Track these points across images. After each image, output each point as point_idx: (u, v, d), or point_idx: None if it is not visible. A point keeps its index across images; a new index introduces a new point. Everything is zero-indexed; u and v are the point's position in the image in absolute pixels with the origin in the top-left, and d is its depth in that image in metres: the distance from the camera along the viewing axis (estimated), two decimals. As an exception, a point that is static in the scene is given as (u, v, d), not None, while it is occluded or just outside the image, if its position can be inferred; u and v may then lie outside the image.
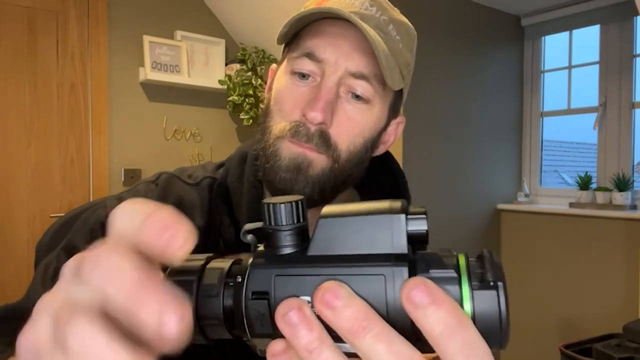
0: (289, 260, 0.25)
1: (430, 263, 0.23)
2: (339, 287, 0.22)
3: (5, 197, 2.20)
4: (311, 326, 0.22)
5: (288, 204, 0.25)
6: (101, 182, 2.40)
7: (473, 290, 0.22)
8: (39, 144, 2.28)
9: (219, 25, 2.76)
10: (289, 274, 0.24)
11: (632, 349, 1.84)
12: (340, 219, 0.25)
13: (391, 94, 0.63)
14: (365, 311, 0.22)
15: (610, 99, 2.63)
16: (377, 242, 0.24)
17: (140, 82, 2.50)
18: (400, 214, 0.24)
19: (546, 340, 2.67)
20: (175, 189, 0.64)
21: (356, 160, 0.61)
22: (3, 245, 2.19)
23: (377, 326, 0.22)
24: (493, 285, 0.22)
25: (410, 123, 2.42)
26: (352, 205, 0.25)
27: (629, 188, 2.46)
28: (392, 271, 0.23)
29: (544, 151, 2.99)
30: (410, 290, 0.21)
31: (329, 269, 0.24)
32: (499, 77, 2.87)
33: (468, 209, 2.72)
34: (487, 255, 0.23)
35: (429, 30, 2.50)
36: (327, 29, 0.58)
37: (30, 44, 2.25)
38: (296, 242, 0.25)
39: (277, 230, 0.25)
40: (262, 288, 0.24)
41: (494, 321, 0.22)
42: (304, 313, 0.22)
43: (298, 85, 0.59)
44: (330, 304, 0.22)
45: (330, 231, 0.25)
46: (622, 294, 2.41)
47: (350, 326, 0.22)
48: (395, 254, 0.23)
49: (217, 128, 2.73)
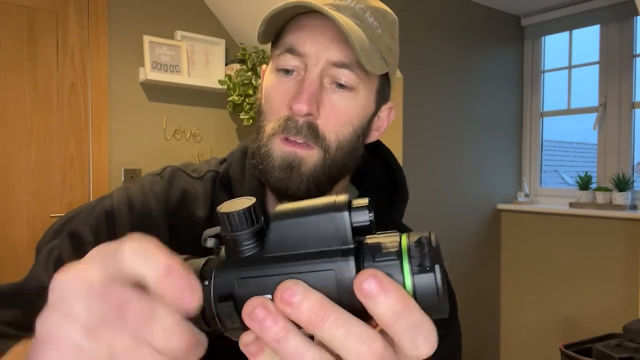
0: (248, 263, 0.27)
1: (375, 252, 0.26)
2: (294, 285, 0.25)
3: (6, 197, 2.20)
4: (276, 319, 0.24)
5: (242, 212, 0.27)
6: (101, 182, 2.40)
7: (414, 275, 0.25)
8: (39, 144, 2.28)
9: (219, 25, 2.76)
10: (249, 276, 0.27)
11: (632, 349, 1.84)
12: (290, 220, 0.27)
13: (376, 80, 0.64)
14: (320, 302, 0.25)
15: (610, 99, 2.63)
16: (326, 237, 0.26)
17: (140, 82, 2.50)
18: (343, 210, 0.26)
19: (546, 340, 2.67)
20: (180, 182, 0.66)
21: (348, 149, 0.62)
22: (3, 245, 2.19)
23: (333, 314, 0.24)
24: (430, 269, 0.25)
25: (410, 123, 2.42)
26: (301, 205, 0.27)
27: (629, 188, 2.46)
28: (340, 266, 0.26)
29: (544, 151, 2.99)
30: (362, 283, 0.24)
31: (285, 268, 0.26)
32: (499, 77, 2.87)
33: (468, 209, 2.72)
34: (425, 241, 0.26)
35: (429, 30, 2.50)
36: (306, 23, 0.60)
37: (30, 44, 2.25)
38: (253, 243, 0.27)
39: (234, 237, 0.28)
40: (227, 291, 0.27)
41: (434, 298, 0.25)
42: (267, 308, 0.25)
43: (284, 81, 0.61)
44: (289, 300, 0.25)
45: (282, 232, 0.27)
46: (622, 294, 2.41)
47: (309, 318, 0.24)
48: (342, 249, 0.26)
49: (217, 128, 2.73)
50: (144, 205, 0.63)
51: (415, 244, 0.26)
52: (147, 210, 0.63)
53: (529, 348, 2.78)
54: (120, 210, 0.62)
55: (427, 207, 2.50)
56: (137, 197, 0.64)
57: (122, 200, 0.63)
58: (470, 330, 2.73)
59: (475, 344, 2.77)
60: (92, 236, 0.61)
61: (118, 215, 0.62)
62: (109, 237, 0.60)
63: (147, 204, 0.63)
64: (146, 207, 0.63)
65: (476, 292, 2.77)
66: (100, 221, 0.62)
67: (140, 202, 0.63)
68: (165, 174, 0.68)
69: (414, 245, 0.26)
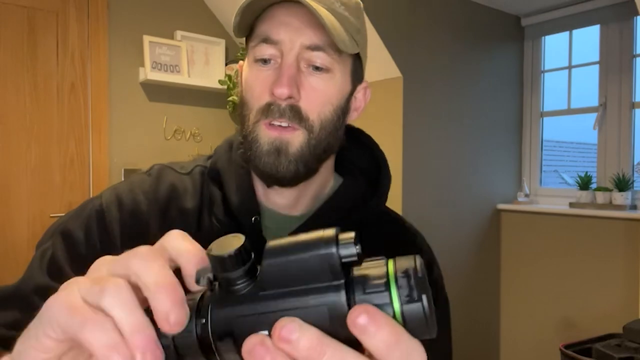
0: (243, 301, 0.28)
1: (364, 284, 0.27)
2: (291, 322, 0.26)
3: (6, 197, 2.20)
4: (274, 356, 0.26)
5: (232, 254, 0.28)
6: (101, 182, 2.40)
7: (402, 305, 0.26)
8: (39, 144, 2.28)
9: (219, 25, 2.76)
10: (246, 314, 0.28)
11: (632, 349, 1.84)
12: (281, 258, 0.28)
13: (350, 60, 0.66)
14: (317, 338, 0.26)
15: (610, 99, 2.63)
16: (317, 273, 0.27)
17: (140, 82, 2.50)
18: (331, 247, 0.27)
19: (546, 340, 2.67)
20: (168, 178, 0.69)
21: (330, 128, 0.65)
22: (3, 245, 2.19)
23: (330, 348, 0.26)
24: (418, 299, 0.26)
25: (410, 123, 2.42)
26: (290, 241, 0.29)
27: (629, 188, 2.46)
28: (332, 300, 0.27)
29: (544, 151, 2.99)
30: (356, 318, 0.25)
31: (279, 304, 0.28)
32: (499, 77, 2.87)
33: (468, 209, 2.72)
34: (411, 273, 0.27)
35: (429, 30, 2.50)
36: (277, 12, 0.62)
37: (30, 44, 2.25)
38: (247, 280, 0.29)
39: (227, 277, 0.29)
40: (225, 329, 0.28)
41: (422, 325, 0.26)
42: (266, 346, 0.26)
43: (262, 70, 0.63)
44: (287, 338, 0.26)
45: (275, 270, 0.28)
46: (622, 294, 2.41)
47: (307, 354, 0.25)
48: (333, 285, 0.27)
49: (217, 128, 2.73)
50: (134, 202, 0.65)
51: (402, 274, 0.27)
52: (136, 206, 0.65)
53: (529, 348, 2.78)
54: (110, 209, 0.64)
55: (427, 207, 2.51)
56: (126, 194, 0.66)
57: (110, 199, 0.66)
58: (470, 330, 2.73)
59: (475, 344, 2.77)
60: (83, 234, 0.63)
61: (107, 213, 0.64)
62: (100, 234, 0.63)
63: (136, 200, 0.65)
64: (135, 203, 0.65)
65: (476, 292, 2.77)
66: (91, 220, 0.64)
67: (129, 199, 0.65)
68: (153, 172, 0.70)
69: (401, 275, 0.27)
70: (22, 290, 0.60)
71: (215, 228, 0.65)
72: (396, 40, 2.34)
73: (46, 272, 0.61)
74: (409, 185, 2.41)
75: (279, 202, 0.68)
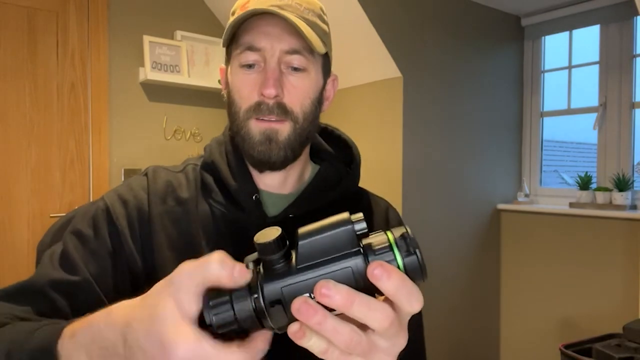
0: (286, 275, 0.37)
1: (374, 248, 0.37)
2: (327, 283, 0.35)
3: (6, 197, 2.20)
4: (316, 309, 0.35)
5: (273, 241, 0.37)
6: (101, 182, 2.40)
7: (403, 259, 0.37)
8: (39, 144, 2.28)
9: (219, 25, 2.76)
10: (290, 284, 0.37)
11: (632, 349, 1.84)
12: (311, 238, 0.37)
13: (320, 59, 0.77)
14: (347, 291, 0.35)
15: (610, 99, 2.63)
16: (339, 245, 0.37)
17: (140, 82, 2.50)
18: (349, 224, 0.38)
19: (546, 340, 2.67)
20: (163, 176, 0.78)
21: (310, 117, 0.76)
22: (3, 245, 2.19)
23: (357, 297, 0.35)
24: (414, 253, 0.37)
25: (410, 123, 2.42)
26: (316, 225, 0.38)
27: (629, 188, 2.46)
28: (354, 263, 0.37)
29: (544, 151, 2.99)
30: (373, 271, 0.35)
31: (315, 272, 0.37)
32: (499, 77, 2.87)
33: (468, 209, 2.72)
34: (406, 235, 0.37)
35: (429, 30, 2.50)
36: (258, 23, 0.72)
37: (30, 44, 2.25)
38: (284, 260, 0.38)
39: (271, 259, 0.38)
40: (275, 298, 0.37)
41: (418, 271, 0.37)
42: (309, 303, 0.35)
43: (248, 73, 0.73)
44: (326, 294, 0.35)
45: (307, 247, 0.37)
46: (622, 294, 2.41)
47: (342, 304, 0.35)
48: (353, 251, 0.37)
49: (217, 128, 2.73)
50: (136, 199, 0.73)
51: (400, 237, 0.37)
52: (138, 202, 0.73)
53: (529, 348, 2.78)
54: (115, 207, 0.71)
55: (427, 207, 2.51)
56: (127, 193, 0.74)
57: (114, 198, 0.73)
58: (470, 330, 2.73)
59: (475, 343, 2.77)
60: (92, 231, 0.70)
61: (113, 210, 0.71)
62: (109, 229, 0.69)
63: (137, 197, 0.74)
64: (138, 199, 0.73)
65: (476, 292, 2.77)
66: (97, 218, 0.71)
67: (131, 197, 0.73)
68: (149, 172, 0.78)
69: (399, 239, 0.37)
70: (34, 285, 0.64)
71: (217, 211, 0.74)
72: (396, 40, 2.34)
73: (59, 267, 0.65)
74: (409, 185, 2.41)
75: (269, 184, 0.78)
